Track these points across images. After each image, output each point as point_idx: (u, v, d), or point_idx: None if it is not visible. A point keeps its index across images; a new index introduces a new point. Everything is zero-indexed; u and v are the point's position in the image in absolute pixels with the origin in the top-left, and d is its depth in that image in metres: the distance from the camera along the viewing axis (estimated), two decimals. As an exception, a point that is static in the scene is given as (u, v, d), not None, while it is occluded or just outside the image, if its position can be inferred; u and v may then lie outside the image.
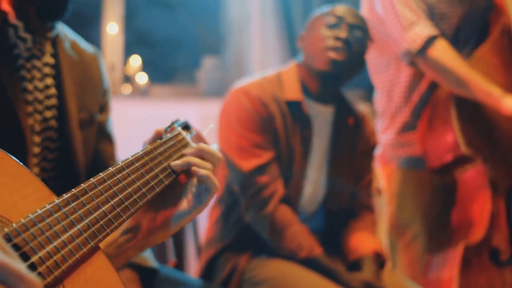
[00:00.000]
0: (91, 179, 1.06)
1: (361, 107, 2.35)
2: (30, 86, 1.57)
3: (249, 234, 2.17)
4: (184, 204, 1.22)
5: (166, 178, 1.20)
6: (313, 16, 2.26)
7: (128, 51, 4.52)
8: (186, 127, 1.40)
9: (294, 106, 2.17)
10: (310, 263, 2.05)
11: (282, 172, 2.16)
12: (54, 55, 1.64)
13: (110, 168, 1.11)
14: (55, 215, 0.96)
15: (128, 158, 1.16)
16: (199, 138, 1.41)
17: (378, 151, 2.65)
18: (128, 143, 2.24)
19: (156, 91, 4.51)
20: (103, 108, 1.79)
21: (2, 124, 1.51)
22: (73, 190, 1.02)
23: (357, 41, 2.14)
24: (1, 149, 1.01)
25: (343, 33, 2.11)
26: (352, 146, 2.28)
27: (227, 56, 4.52)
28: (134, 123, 3.91)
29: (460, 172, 2.45)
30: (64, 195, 1.00)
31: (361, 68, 2.22)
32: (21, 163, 1.01)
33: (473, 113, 2.39)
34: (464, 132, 2.34)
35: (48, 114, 1.61)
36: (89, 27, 4.50)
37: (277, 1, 4.22)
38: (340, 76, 2.15)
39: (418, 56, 2.34)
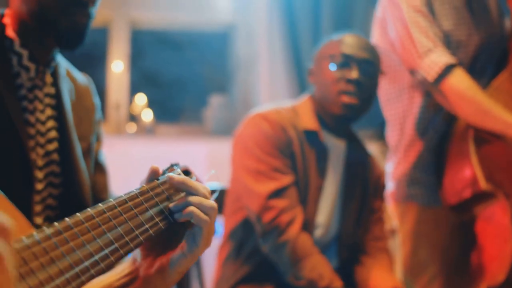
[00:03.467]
0: (78, 214, 0.95)
1: (371, 147, 2.31)
2: (32, 119, 1.50)
3: (262, 269, 2.09)
4: (179, 248, 1.11)
5: (162, 222, 1.09)
6: (320, 48, 2.21)
7: (134, 90, 4.47)
8: (186, 172, 1.29)
9: (311, 135, 2.15)
10: None
11: (300, 198, 2.11)
12: (54, 85, 1.57)
13: (100, 204, 1.00)
14: (32, 250, 0.84)
15: (121, 196, 1.05)
16: None
17: (390, 188, 2.53)
18: (132, 183, 2.13)
19: (162, 130, 4.43)
20: (98, 137, 1.71)
21: (7, 159, 1.42)
22: (56, 224, 0.91)
23: (368, 77, 2.10)
24: None
25: (354, 74, 2.07)
26: (364, 182, 2.25)
27: (234, 94, 4.45)
28: (139, 162, 3.84)
29: (479, 209, 2.33)
30: (44, 228, 0.89)
31: (373, 102, 2.19)
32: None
33: (493, 146, 2.27)
34: (483, 166, 2.22)
35: (50, 147, 1.53)
36: (94, 65, 4.46)
37: (285, 38, 4.17)
38: (353, 118, 2.14)
39: (435, 85, 2.25)
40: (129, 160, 3.70)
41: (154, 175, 1.14)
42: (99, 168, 1.70)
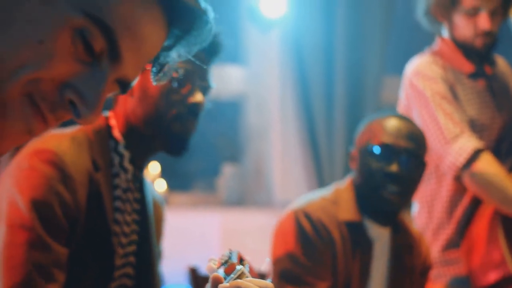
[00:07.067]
0: None
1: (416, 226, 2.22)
2: (121, 218, 1.55)
3: None
4: None
5: None
6: (362, 131, 2.08)
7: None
8: (241, 260, 1.27)
9: (353, 227, 2.02)
10: None
11: None
12: (139, 190, 1.62)
13: None
14: None
15: None
16: (253, 273, 1.28)
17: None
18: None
19: (174, 199, 4.42)
20: (161, 253, 1.78)
21: (95, 257, 1.48)
22: None
23: (410, 170, 1.99)
24: None
25: (394, 168, 1.94)
26: (411, 268, 2.12)
27: (246, 164, 4.44)
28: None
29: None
30: None
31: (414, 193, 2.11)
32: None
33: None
34: None
35: (130, 249, 1.58)
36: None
37: (298, 107, 4.17)
38: (398, 210, 2.04)
39: (463, 170, 2.27)
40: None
41: (217, 283, 1.12)
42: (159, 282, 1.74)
